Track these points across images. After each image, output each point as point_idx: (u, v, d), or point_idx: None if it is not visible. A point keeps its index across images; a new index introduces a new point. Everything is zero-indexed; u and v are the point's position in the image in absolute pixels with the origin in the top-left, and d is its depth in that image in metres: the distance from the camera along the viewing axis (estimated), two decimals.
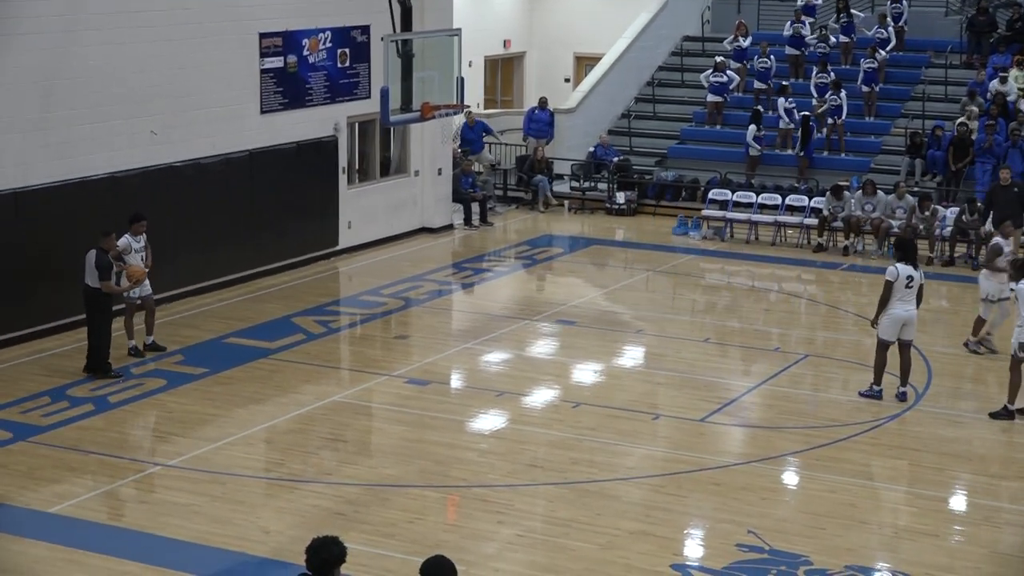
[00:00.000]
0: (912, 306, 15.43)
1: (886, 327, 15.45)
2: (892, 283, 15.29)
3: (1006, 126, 25.30)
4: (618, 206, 26.80)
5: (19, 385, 15.74)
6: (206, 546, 11.72)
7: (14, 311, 17.11)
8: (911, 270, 15.32)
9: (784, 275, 22.53)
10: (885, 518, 12.62)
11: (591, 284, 21.95)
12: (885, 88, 28.25)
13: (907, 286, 15.29)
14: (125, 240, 16.72)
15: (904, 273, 15.28)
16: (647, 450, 14.22)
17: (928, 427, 15.05)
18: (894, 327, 15.40)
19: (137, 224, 16.87)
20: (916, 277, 15.35)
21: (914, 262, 15.44)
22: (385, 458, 14.00)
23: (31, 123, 17.44)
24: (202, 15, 19.85)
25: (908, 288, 15.30)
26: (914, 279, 15.32)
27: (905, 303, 15.35)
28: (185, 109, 19.64)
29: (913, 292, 15.37)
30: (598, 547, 11.79)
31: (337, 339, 18.56)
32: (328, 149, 22.26)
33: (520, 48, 33.69)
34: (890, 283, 15.30)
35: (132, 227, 16.84)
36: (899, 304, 15.33)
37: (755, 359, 17.72)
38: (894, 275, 15.28)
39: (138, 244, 16.84)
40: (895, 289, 15.28)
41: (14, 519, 12.30)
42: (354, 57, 22.59)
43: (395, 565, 11.26)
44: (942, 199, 24.73)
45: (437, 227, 24.83)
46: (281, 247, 21.44)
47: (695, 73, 29.92)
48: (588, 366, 17.28)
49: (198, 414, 15.12)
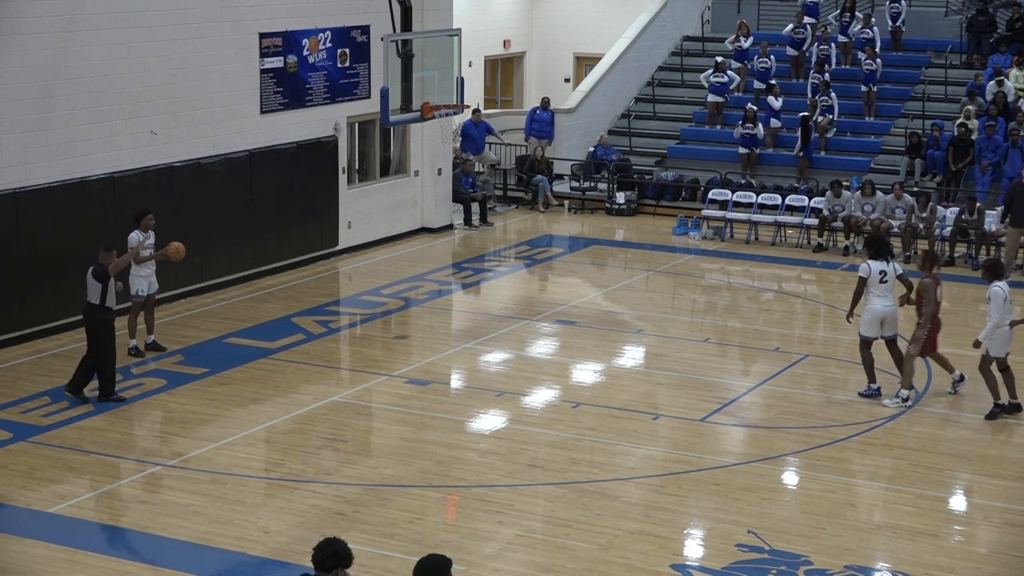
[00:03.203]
0: (891, 301, 15.67)
1: (866, 323, 15.72)
2: (865, 279, 15.57)
3: (1006, 126, 25.31)
4: (618, 206, 26.81)
5: (19, 385, 15.74)
6: (206, 546, 11.73)
7: (14, 311, 17.11)
8: (883, 265, 15.59)
9: (784, 275, 22.53)
10: (885, 518, 12.62)
11: (591, 284, 21.95)
12: (885, 88, 28.25)
13: (881, 281, 15.56)
14: (135, 236, 16.72)
15: (876, 269, 15.54)
16: (647, 450, 14.22)
17: (928, 427, 15.05)
18: (874, 323, 15.65)
19: (145, 218, 16.86)
20: (890, 271, 15.60)
21: (886, 257, 15.70)
22: (385, 458, 14.00)
23: (31, 123, 17.45)
24: (202, 15, 19.86)
25: (883, 283, 15.56)
26: (888, 273, 15.57)
27: (883, 298, 15.60)
28: (185, 109, 19.65)
29: (889, 287, 15.61)
30: (598, 547, 11.79)
31: (337, 339, 18.56)
32: (328, 149, 22.26)
33: (520, 48, 33.68)
34: (863, 279, 15.59)
35: (140, 222, 16.84)
36: (877, 300, 15.60)
37: (755, 359, 17.73)
38: (867, 271, 15.57)
39: (148, 239, 16.85)
40: (870, 285, 15.57)
41: (14, 519, 12.31)
42: (354, 57, 22.59)
43: (395, 565, 11.26)
44: (942, 199, 24.74)
45: (437, 227, 24.84)
46: (281, 247, 21.44)
47: (695, 73, 29.93)
48: (588, 366, 17.28)
49: (198, 414, 15.12)
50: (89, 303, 15.21)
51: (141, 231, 16.79)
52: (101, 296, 15.11)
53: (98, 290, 15.11)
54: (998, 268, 15.59)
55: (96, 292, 15.13)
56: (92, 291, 15.16)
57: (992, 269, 15.45)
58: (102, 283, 15.10)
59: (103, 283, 15.10)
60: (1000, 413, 15.24)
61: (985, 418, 15.19)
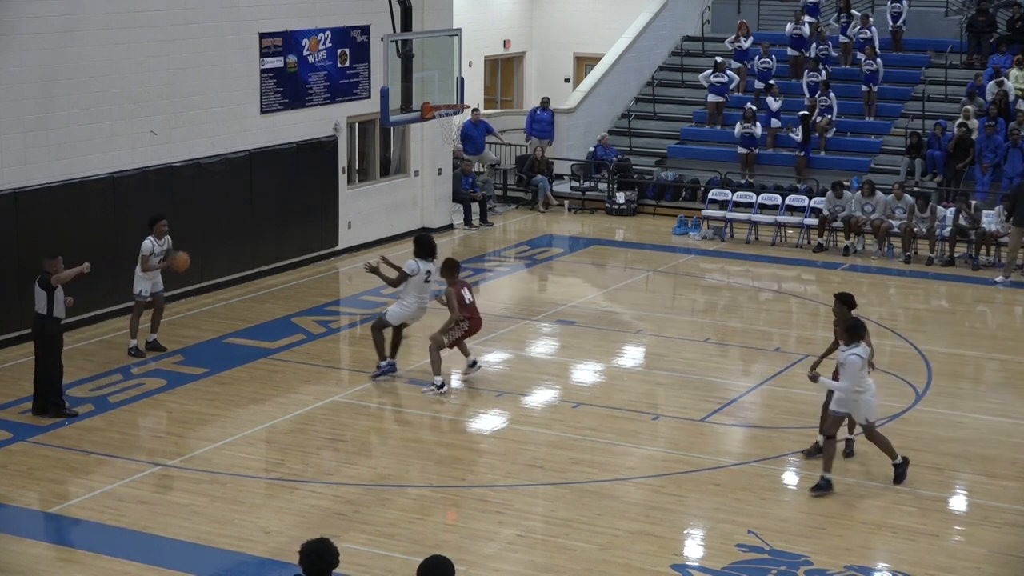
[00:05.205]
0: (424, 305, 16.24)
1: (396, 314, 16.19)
2: (410, 276, 16.00)
3: (1006, 126, 25.31)
4: (618, 206, 26.80)
5: (19, 385, 15.72)
6: (206, 546, 11.73)
7: (14, 311, 17.09)
8: (431, 266, 16.10)
9: (784, 275, 22.53)
10: (885, 518, 12.61)
11: (591, 284, 21.95)
12: (885, 88, 28.25)
13: (426, 280, 16.04)
14: (148, 243, 16.74)
15: (424, 268, 16.01)
16: (647, 450, 14.22)
17: (928, 427, 15.05)
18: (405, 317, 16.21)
19: (159, 224, 16.85)
20: (434, 271, 16.14)
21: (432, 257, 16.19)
22: (385, 458, 14.00)
23: (31, 123, 17.45)
24: (202, 15, 19.86)
25: (427, 283, 16.10)
26: (432, 274, 16.11)
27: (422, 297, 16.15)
28: (185, 109, 19.65)
29: (431, 287, 16.16)
30: (598, 547, 11.79)
31: (337, 339, 18.56)
32: (328, 149, 22.26)
33: (520, 48, 33.68)
34: (406, 275, 16.01)
35: (154, 228, 16.83)
36: (415, 298, 16.06)
37: (755, 359, 17.73)
38: (414, 269, 15.98)
39: (160, 246, 16.85)
40: (412, 284, 15.98)
41: (14, 519, 12.31)
42: (354, 57, 22.59)
43: (395, 565, 11.26)
44: (942, 199, 24.74)
45: (437, 227, 24.82)
46: (281, 247, 21.44)
47: (695, 73, 29.93)
48: (588, 366, 17.28)
49: (198, 414, 15.12)
50: (36, 313, 14.71)
51: (155, 238, 16.80)
52: (48, 306, 14.60)
53: (44, 299, 14.61)
54: (859, 331, 12.97)
55: (43, 301, 14.63)
56: (39, 300, 14.65)
57: (853, 332, 12.94)
58: (48, 292, 14.59)
59: (49, 292, 14.60)
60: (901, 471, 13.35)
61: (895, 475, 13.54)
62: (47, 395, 14.82)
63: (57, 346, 14.83)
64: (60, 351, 14.89)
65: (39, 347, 14.81)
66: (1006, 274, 21.76)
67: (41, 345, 14.77)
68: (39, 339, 14.81)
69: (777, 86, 28.01)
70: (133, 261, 17.23)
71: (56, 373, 14.87)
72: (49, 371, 14.80)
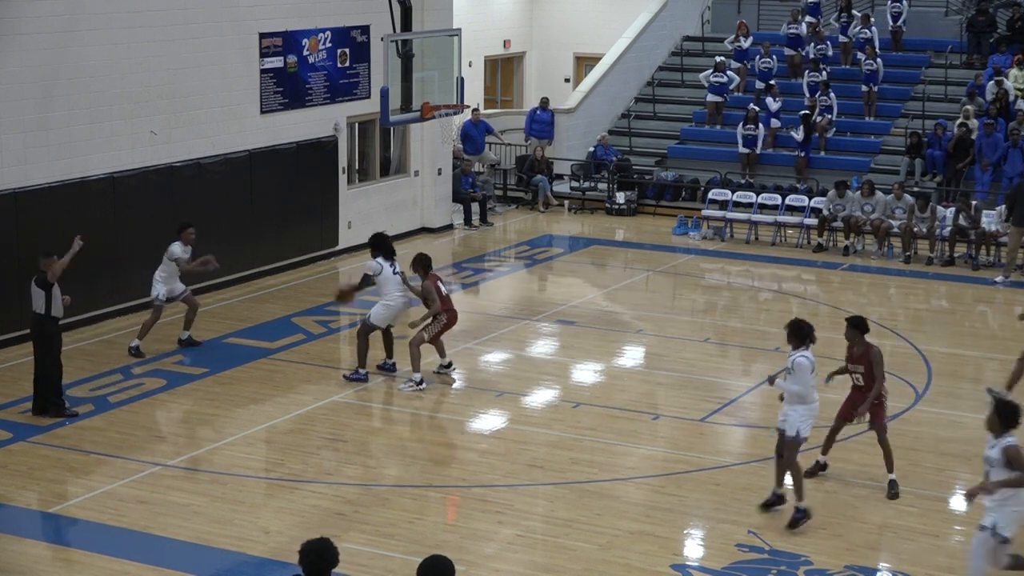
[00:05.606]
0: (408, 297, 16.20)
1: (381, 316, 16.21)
2: (370, 276, 16.20)
3: (1006, 126, 25.31)
4: (618, 206, 26.80)
5: (19, 385, 15.72)
6: (206, 546, 11.73)
7: (14, 311, 17.08)
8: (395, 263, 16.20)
9: (784, 275, 22.53)
10: (885, 518, 12.62)
11: (591, 284, 21.95)
12: (885, 88, 28.25)
13: (396, 272, 16.17)
14: (177, 247, 16.92)
15: (388, 265, 16.12)
16: (647, 450, 14.22)
17: (928, 427, 15.05)
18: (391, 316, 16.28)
19: (186, 232, 16.99)
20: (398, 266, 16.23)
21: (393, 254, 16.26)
22: (385, 458, 14.00)
23: (31, 123, 17.45)
24: (202, 15, 19.86)
25: (398, 274, 16.18)
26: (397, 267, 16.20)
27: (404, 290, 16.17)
28: (185, 109, 19.65)
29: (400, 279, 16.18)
30: (598, 547, 11.79)
31: (337, 339, 18.56)
32: (328, 149, 22.26)
33: (520, 48, 33.68)
34: (368, 276, 16.21)
35: (182, 235, 17.00)
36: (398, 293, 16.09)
37: (755, 359, 17.73)
38: (376, 269, 16.08)
39: (185, 253, 16.95)
40: (390, 283, 16.04)
41: (14, 519, 12.31)
42: (354, 57, 22.59)
43: (395, 565, 11.26)
44: (942, 199, 24.74)
45: (437, 227, 24.84)
46: (281, 247, 21.44)
47: (695, 73, 29.93)
48: (588, 366, 17.28)
49: (198, 414, 15.13)
50: (34, 313, 14.67)
51: (183, 245, 16.94)
52: (46, 305, 14.55)
53: (42, 298, 14.56)
54: (805, 333, 12.44)
55: (40, 301, 14.58)
56: (36, 300, 14.61)
57: (798, 333, 12.42)
58: (45, 291, 14.54)
59: (46, 291, 14.54)
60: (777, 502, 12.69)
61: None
62: (47, 395, 14.82)
63: (56, 346, 14.84)
64: (59, 351, 14.90)
65: (38, 347, 14.81)
66: (1006, 274, 21.76)
67: (40, 345, 14.77)
68: (38, 339, 14.81)
69: (777, 86, 28.01)
70: (133, 261, 17.25)
71: (55, 373, 14.88)
72: (48, 371, 14.81)
